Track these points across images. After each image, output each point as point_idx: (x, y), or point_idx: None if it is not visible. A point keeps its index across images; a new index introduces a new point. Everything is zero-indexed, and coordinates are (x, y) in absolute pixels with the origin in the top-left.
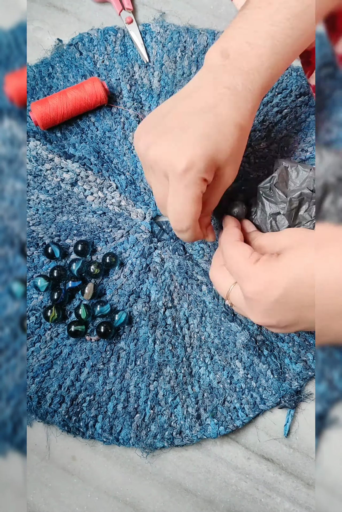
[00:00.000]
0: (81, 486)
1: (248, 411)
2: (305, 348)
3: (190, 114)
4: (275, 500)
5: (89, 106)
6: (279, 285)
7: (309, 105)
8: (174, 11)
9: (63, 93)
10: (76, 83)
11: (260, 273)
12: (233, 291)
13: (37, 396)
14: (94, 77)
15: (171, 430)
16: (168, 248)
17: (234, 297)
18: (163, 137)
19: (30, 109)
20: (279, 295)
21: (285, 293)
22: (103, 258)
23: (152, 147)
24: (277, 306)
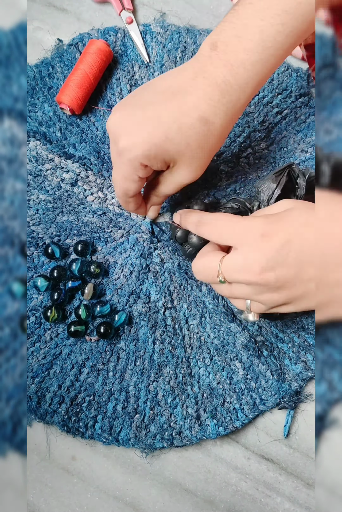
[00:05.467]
0: (81, 486)
1: (247, 412)
2: (305, 349)
3: (158, 93)
4: (275, 500)
5: (104, 62)
6: (282, 234)
7: (309, 106)
8: (174, 11)
9: (76, 69)
10: None
11: (261, 225)
12: (224, 262)
13: (37, 396)
14: (90, 40)
15: (171, 430)
16: (168, 249)
17: (227, 267)
18: (122, 108)
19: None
20: (280, 244)
21: (287, 243)
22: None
23: (112, 114)
24: (278, 256)
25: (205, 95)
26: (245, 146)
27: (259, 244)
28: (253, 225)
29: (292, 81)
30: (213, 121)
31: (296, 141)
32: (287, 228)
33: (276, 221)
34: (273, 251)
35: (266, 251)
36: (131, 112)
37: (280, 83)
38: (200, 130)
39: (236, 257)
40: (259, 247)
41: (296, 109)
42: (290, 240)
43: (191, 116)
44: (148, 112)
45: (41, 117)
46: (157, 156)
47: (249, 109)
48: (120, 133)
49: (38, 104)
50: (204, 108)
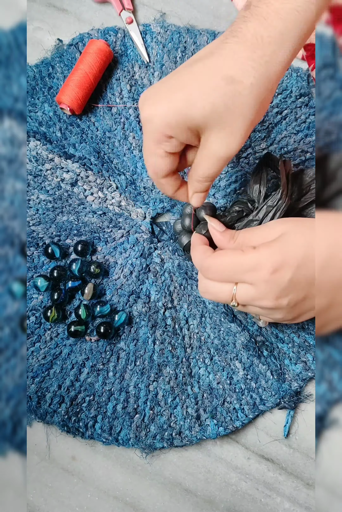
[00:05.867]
0: (81, 486)
1: (247, 412)
2: (305, 349)
3: (186, 64)
4: (275, 500)
5: (104, 62)
6: (291, 264)
7: (309, 106)
8: (174, 11)
9: (76, 69)
10: None
11: (267, 259)
12: (239, 290)
13: (37, 396)
14: (90, 40)
15: (171, 430)
16: (168, 249)
17: (241, 295)
18: (152, 87)
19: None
20: (292, 274)
21: (297, 271)
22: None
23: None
24: (290, 284)
25: (232, 53)
26: (245, 146)
27: (272, 280)
28: (260, 264)
29: (292, 81)
30: (240, 79)
31: (296, 141)
32: (293, 257)
33: (279, 252)
34: (286, 282)
35: (280, 283)
36: (157, 85)
37: (280, 83)
38: (225, 90)
39: (251, 289)
40: (272, 282)
41: (296, 109)
42: (299, 266)
43: (215, 75)
44: (171, 81)
45: (41, 117)
46: (180, 124)
47: None
48: (142, 105)
49: (38, 104)
50: (229, 66)
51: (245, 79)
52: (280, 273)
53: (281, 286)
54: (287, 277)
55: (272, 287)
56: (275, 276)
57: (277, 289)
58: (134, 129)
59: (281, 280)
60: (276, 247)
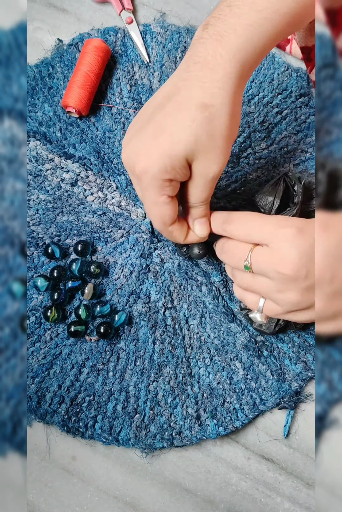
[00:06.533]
0: (81, 486)
1: (247, 412)
2: (305, 349)
3: (157, 106)
4: (275, 500)
5: (103, 59)
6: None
7: (309, 106)
8: (174, 11)
9: (76, 71)
10: None
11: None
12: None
13: (37, 396)
14: (86, 40)
15: (171, 430)
16: (168, 249)
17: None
18: (130, 139)
19: (61, 106)
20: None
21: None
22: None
23: (123, 150)
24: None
25: (197, 81)
26: (245, 146)
27: (295, 239)
28: (286, 223)
29: (292, 81)
30: (211, 103)
31: (296, 141)
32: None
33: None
34: (308, 246)
35: (302, 246)
36: (137, 137)
37: (280, 83)
38: (202, 118)
39: (268, 250)
40: (295, 242)
41: (296, 109)
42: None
43: (189, 108)
44: (150, 129)
45: (41, 117)
46: (174, 164)
47: (249, 109)
48: (133, 162)
49: (38, 104)
50: (198, 95)
51: (215, 101)
52: (306, 234)
53: (302, 250)
54: (309, 242)
55: (292, 248)
56: (299, 236)
57: (297, 251)
58: None
59: (303, 244)
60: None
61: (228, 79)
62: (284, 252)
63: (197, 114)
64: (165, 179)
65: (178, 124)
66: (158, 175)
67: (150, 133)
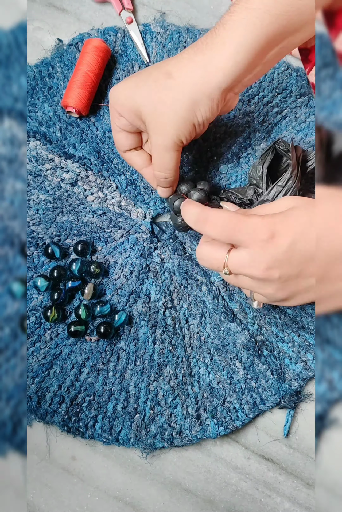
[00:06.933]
0: (81, 486)
1: (247, 412)
2: (305, 349)
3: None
4: (275, 500)
5: (102, 58)
6: (289, 235)
7: (309, 105)
8: (174, 11)
9: (76, 71)
10: None
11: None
12: (231, 257)
13: (37, 396)
14: (85, 40)
15: (171, 430)
16: (168, 248)
17: (233, 262)
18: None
19: (62, 106)
20: (287, 245)
21: (293, 244)
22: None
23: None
24: (284, 256)
25: (179, 56)
26: (245, 146)
27: (266, 246)
28: (260, 226)
29: (292, 81)
30: (176, 76)
31: (296, 141)
32: (292, 229)
33: (281, 222)
34: (280, 253)
35: (273, 252)
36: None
37: (280, 83)
38: (162, 83)
39: (243, 254)
40: (266, 248)
41: (296, 108)
42: (295, 240)
43: (159, 70)
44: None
45: (41, 117)
46: (126, 104)
47: (249, 109)
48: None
49: (38, 104)
50: (172, 64)
51: (180, 76)
52: (276, 241)
53: (274, 255)
54: (283, 247)
55: (265, 253)
56: (270, 243)
57: (269, 257)
58: None
59: (275, 249)
60: (278, 217)
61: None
62: (257, 258)
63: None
64: (117, 112)
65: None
66: (114, 105)
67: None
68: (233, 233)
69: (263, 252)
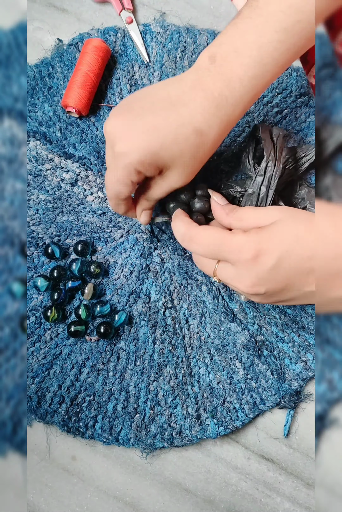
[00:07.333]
0: (81, 486)
1: (247, 412)
2: (305, 349)
3: (157, 102)
4: (275, 500)
5: (102, 58)
6: (273, 254)
7: (309, 105)
8: (174, 11)
9: (76, 71)
10: None
11: (252, 243)
12: (220, 267)
13: (37, 396)
14: (85, 40)
15: (171, 430)
16: (168, 248)
17: (221, 273)
18: (121, 113)
19: (62, 106)
20: (272, 264)
21: (278, 262)
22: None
23: (110, 119)
24: (269, 275)
25: (201, 108)
26: (245, 146)
27: (251, 265)
28: (245, 245)
29: (292, 81)
30: (207, 133)
31: (296, 141)
32: (278, 247)
33: (266, 240)
34: (265, 272)
35: (258, 271)
36: (130, 118)
37: (280, 83)
38: (194, 141)
39: (230, 268)
40: (252, 267)
41: (296, 108)
42: (281, 258)
43: (187, 128)
44: (146, 120)
45: (41, 117)
46: (152, 164)
47: (249, 109)
48: (118, 137)
49: (38, 104)
50: (199, 121)
51: (210, 132)
52: (261, 260)
53: (259, 274)
54: (267, 266)
55: (250, 272)
56: (255, 262)
57: (255, 275)
58: None
59: (260, 268)
60: (264, 234)
61: (226, 119)
62: (242, 275)
63: (192, 136)
64: (138, 170)
65: (173, 134)
66: (135, 164)
67: (145, 123)
68: (218, 252)
69: (248, 271)
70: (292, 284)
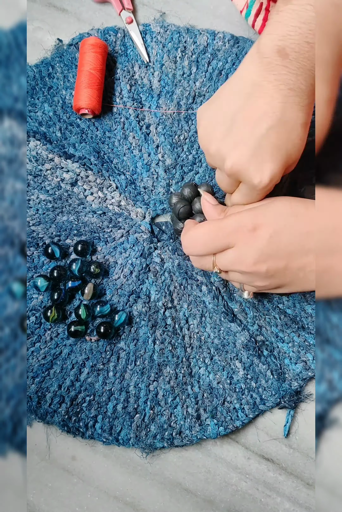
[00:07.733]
0: (81, 486)
1: (247, 412)
2: (305, 349)
3: (259, 121)
4: (275, 500)
5: (101, 54)
6: (270, 226)
7: None
8: (174, 11)
9: (79, 72)
10: None
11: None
12: (218, 255)
13: (37, 396)
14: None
15: (171, 430)
16: (168, 248)
17: (221, 260)
18: (238, 148)
19: (73, 109)
20: (269, 235)
21: (275, 235)
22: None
23: (229, 157)
24: (269, 248)
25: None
26: None
27: (249, 239)
28: (241, 222)
29: None
30: (308, 121)
31: None
32: (274, 219)
33: (262, 213)
34: (264, 244)
35: (257, 244)
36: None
37: None
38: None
39: (229, 253)
40: (250, 242)
41: None
42: (277, 231)
43: (296, 129)
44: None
45: (41, 117)
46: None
47: None
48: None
49: (38, 104)
50: (301, 116)
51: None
52: (259, 232)
53: (259, 249)
54: (266, 238)
55: (250, 248)
56: (254, 236)
57: (255, 251)
58: (134, 129)
59: (260, 241)
60: (259, 209)
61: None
62: (243, 254)
63: (302, 132)
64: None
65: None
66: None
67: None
68: (214, 246)
69: (248, 247)
70: (292, 262)
